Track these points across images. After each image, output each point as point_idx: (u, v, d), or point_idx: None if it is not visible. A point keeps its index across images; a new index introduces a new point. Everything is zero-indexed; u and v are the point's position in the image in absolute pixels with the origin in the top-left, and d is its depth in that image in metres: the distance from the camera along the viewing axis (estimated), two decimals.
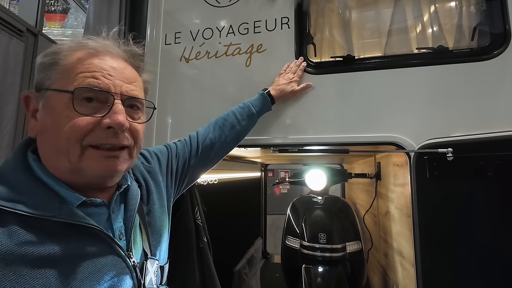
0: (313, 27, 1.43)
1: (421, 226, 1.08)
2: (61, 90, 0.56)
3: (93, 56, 0.59)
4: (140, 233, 0.69)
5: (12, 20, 1.15)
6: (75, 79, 0.56)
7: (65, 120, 0.55)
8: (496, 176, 1.02)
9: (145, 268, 0.65)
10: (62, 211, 0.53)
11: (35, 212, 0.51)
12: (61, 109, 0.55)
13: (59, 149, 0.56)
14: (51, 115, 0.56)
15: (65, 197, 0.56)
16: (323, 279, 1.79)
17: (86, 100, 0.56)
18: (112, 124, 0.57)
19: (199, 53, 1.44)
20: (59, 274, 0.50)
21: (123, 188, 0.68)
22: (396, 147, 1.18)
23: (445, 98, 1.15)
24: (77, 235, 0.55)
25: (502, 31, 1.12)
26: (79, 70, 0.57)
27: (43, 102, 0.57)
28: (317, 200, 2.14)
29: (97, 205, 0.61)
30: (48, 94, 0.57)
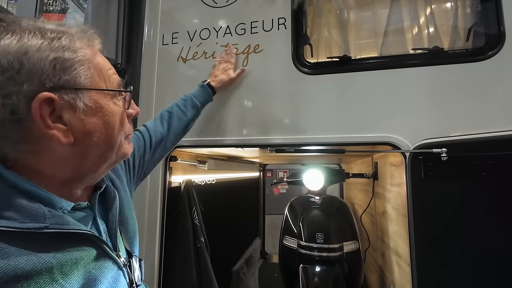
0: (310, 27, 1.44)
1: (416, 226, 1.09)
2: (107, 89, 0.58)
3: (98, 52, 0.61)
4: (119, 232, 0.69)
5: None
6: (109, 77, 0.59)
7: (115, 117, 0.58)
8: (490, 175, 1.03)
9: (132, 266, 0.66)
10: (53, 220, 0.50)
11: (24, 226, 0.47)
12: (110, 107, 0.58)
13: (111, 145, 0.59)
14: (101, 114, 0.56)
15: (54, 204, 0.53)
16: (321, 278, 1.79)
17: (120, 96, 0.61)
18: (136, 114, 0.65)
19: (196, 53, 1.45)
20: (58, 285, 0.48)
21: (103, 188, 0.67)
22: (392, 147, 1.19)
23: (440, 98, 1.16)
24: (69, 242, 0.52)
25: (496, 32, 1.13)
26: (106, 68, 0.60)
27: (82, 102, 0.53)
28: (315, 200, 2.15)
29: (83, 209, 0.60)
30: (90, 93, 0.54)
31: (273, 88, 1.35)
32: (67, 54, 0.52)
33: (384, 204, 1.87)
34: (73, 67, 0.53)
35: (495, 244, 1.02)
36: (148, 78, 1.50)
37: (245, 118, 1.37)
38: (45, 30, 0.52)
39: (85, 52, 0.56)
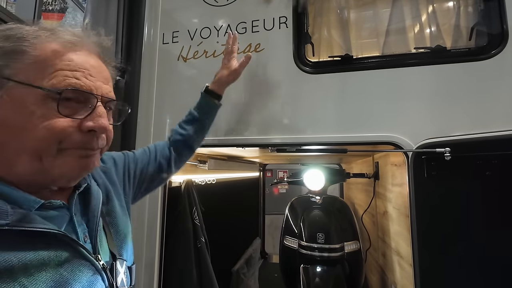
0: (311, 26, 1.43)
1: (419, 226, 1.08)
2: (33, 85, 0.49)
3: (70, 51, 0.54)
4: (104, 234, 0.66)
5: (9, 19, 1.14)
6: (53, 76, 0.50)
7: (39, 120, 0.49)
8: (494, 175, 1.02)
9: (115, 269, 0.62)
10: (16, 217, 0.47)
11: None
12: (34, 106, 0.49)
13: (27, 149, 0.49)
14: (18, 111, 0.49)
15: (19, 201, 0.50)
16: (321, 279, 1.79)
17: (65, 99, 0.51)
18: (96, 127, 0.54)
19: (197, 52, 1.44)
20: (20, 286, 0.45)
21: (83, 187, 0.63)
22: (394, 147, 1.18)
23: (443, 97, 1.15)
24: (37, 242, 0.49)
25: (499, 31, 1.13)
26: (58, 67, 0.51)
27: (5, 94, 0.49)
28: (316, 200, 2.14)
29: (57, 208, 0.56)
30: (10, 85, 0.49)
31: (274, 87, 1.34)
32: (10, 45, 0.50)
33: (385, 204, 1.86)
34: (6, 56, 0.49)
35: (499, 244, 1.01)
36: (148, 77, 1.49)
37: (246, 117, 1.36)
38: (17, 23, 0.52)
39: (42, 45, 0.51)
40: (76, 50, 0.55)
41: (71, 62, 0.53)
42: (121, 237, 0.70)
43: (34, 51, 0.50)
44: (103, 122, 0.55)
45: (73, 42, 0.55)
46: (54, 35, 0.53)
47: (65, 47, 0.53)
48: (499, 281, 1.01)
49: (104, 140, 0.59)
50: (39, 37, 0.52)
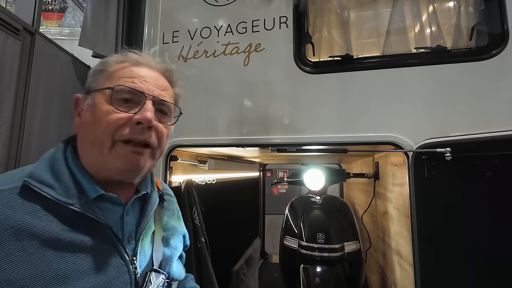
0: (312, 26, 1.43)
1: (419, 226, 1.08)
2: (103, 88, 0.63)
3: (134, 65, 0.67)
4: (151, 242, 0.69)
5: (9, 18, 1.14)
6: (115, 81, 0.63)
7: (103, 114, 0.61)
8: (495, 176, 1.02)
9: (148, 279, 0.64)
10: (79, 201, 0.57)
11: (57, 197, 0.55)
12: (101, 104, 0.62)
13: (94, 141, 0.61)
14: (93, 110, 0.62)
15: (86, 187, 0.60)
16: (322, 279, 1.78)
17: (123, 100, 0.62)
18: (141, 119, 0.61)
19: (197, 52, 1.44)
20: (61, 261, 0.52)
21: (141, 194, 0.70)
22: (394, 147, 1.18)
23: (444, 97, 1.15)
24: (88, 228, 0.57)
25: (500, 31, 1.13)
26: (121, 75, 0.64)
27: (90, 101, 0.64)
28: (316, 200, 2.14)
29: (113, 203, 0.63)
30: (93, 94, 0.64)
31: (275, 87, 1.34)
32: (97, 67, 0.67)
33: (386, 204, 1.86)
34: (94, 76, 0.66)
35: (500, 244, 1.01)
36: None
37: (246, 117, 1.36)
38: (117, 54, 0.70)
39: (116, 65, 0.66)
40: (139, 65, 0.68)
41: (132, 72, 0.65)
42: (170, 250, 0.74)
43: (110, 68, 0.66)
44: (148, 114, 0.62)
45: (137, 60, 0.68)
46: (125, 57, 0.68)
47: (131, 63, 0.67)
48: (499, 281, 1.01)
49: (152, 137, 0.65)
50: (115, 60, 0.67)
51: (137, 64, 0.68)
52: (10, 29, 1.15)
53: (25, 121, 1.19)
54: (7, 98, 1.13)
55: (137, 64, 0.68)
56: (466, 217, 1.05)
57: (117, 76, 0.64)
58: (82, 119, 0.64)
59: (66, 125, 1.39)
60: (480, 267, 1.02)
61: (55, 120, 1.34)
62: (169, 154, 1.42)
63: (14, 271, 0.49)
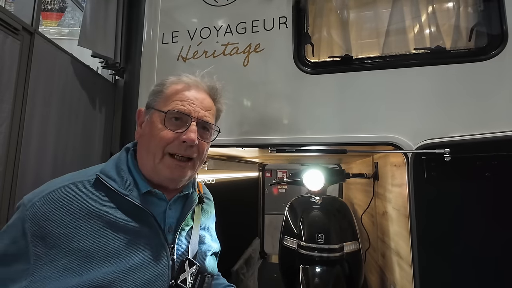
0: (311, 26, 1.43)
1: (418, 227, 1.08)
2: (159, 110, 0.77)
3: (185, 89, 0.80)
4: (188, 235, 0.82)
5: (8, 18, 1.14)
6: (170, 104, 0.77)
7: (157, 131, 0.76)
8: (494, 176, 1.02)
9: (182, 266, 0.75)
10: (133, 193, 0.72)
11: (118, 189, 0.71)
12: (157, 123, 0.76)
13: (149, 151, 0.76)
14: (150, 126, 0.77)
15: (139, 183, 0.74)
16: (321, 279, 1.78)
17: (174, 119, 0.77)
18: (186, 139, 0.75)
19: (196, 52, 1.44)
20: (116, 239, 0.67)
21: (183, 193, 0.83)
22: (393, 147, 1.18)
23: (443, 98, 1.15)
24: (138, 215, 0.71)
25: (499, 31, 1.13)
26: (174, 98, 0.78)
27: (148, 116, 0.79)
28: (315, 200, 2.14)
29: (159, 198, 0.77)
30: (152, 111, 0.78)
31: (274, 87, 1.34)
32: (157, 88, 0.82)
33: (385, 205, 1.86)
34: (155, 95, 0.80)
35: (498, 245, 1.01)
36: (147, 77, 1.49)
37: (245, 117, 1.36)
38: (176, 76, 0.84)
39: (172, 86, 0.80)
40: (190, 89, 0.81)
41: (182, 95, 0.79)
42: (206, 246, 0.86)
43: (166, 91, 0.80)
44: (191, 136, 0.76)
45: (188, 83, 0.81)
46: (180, 80, 0.82)
47: (183, 87, 0.80)
48: (498, 282, 1.01)
49: (194, 150, 0.79)
50: (171, 82, 0.82)
51: (188, 87, 0.81)
52: (9, 28, 1.14)
53: (24, 121, 1.19)
54: (6, 98, 1.13)
55: (188, 87, 0.81)
56: (465, 217, 1.05)
57: (171, 98, 0.78)
58: (142, 130, 0.80)
59: (65, 125, 1.39)
60: (479, 268, 1.03)
61: (54, 120, 1.33)
62: None
63: (84, 242, 0.63)
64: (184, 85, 0.81)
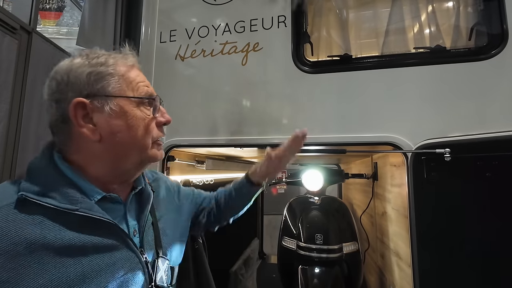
0: (310, 26, 1.42)
1: (418, 227, 1.07)
2: (129, 96, 0.66)
3: (133, 69, 0.71)
4: (152, 233, 0.76)
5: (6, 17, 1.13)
6: (137, 87, 0.68)
7: (139, 121, 0.66)
8: (494, 176, 1.01)
9: (156, 266, 0.71)
10: (83, 205, 0.59)
11: (60, 205, 0.57)
12: (134, 112, 0.66)
13: (134, 145, 0.66)
14: (125, 118, 0.65)
15: (86, 192, 0.62)
16: (320, 280, 1.78)
17: (148, 103, 0.69)
18: (167, 121, 0.73)
19: (194, 51, 1.43)
20: (77, 264, 0.56)
21: (138, 189, 0.75)
22: (393, 147, 1.18)
23: (443, 98, 1.14)
24: (95, 229, 0.60)
25: (499, 31, 1.12)
26: (137, 80, 0.69)
27: (108, 107, 0.64)
28: (314, 200, 2.13)
29: (115, 202, 0.68)
30: (117, 100, 0.65)
31: (273, 87, 1.33)
32: (100, 69, 0.65)
33: (384, 205, 1.86)
34: (104, 79, 0.64)
35: (499, 246, 1.01)
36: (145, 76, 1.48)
37: (243, 117, 1.35)
38: (92, 52, 0.67)
39: (118, 67, 0.67)
40: (134, 68, 0.71)
41: (139, 76, 0.70)
42: (167, 238, 0.80)
43: (118, 72, 0.67)
44: (168, 116, 0.73)
45: (133, 62, 0.71)
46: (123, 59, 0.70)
47: (130, 66, 0.70)
48: (499, 282, 1.00)
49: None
50: (114, 61, 0.68)
51: (134, 67, 0.71)
52: (6, 28, 1.14)
53: (22, 121, 1.18)
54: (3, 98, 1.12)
55: (134, 67, 0.71)
56: (465, 218, 1.04)
57: (134, 80, 0.69)
58: (106, 126, 0.63)
59: None
60: (479, 268, 1.02)
61: None
62: (166, 154, 1.41)
63: (35, 282, 0.51)
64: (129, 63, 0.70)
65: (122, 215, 0.69)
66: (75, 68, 0.64)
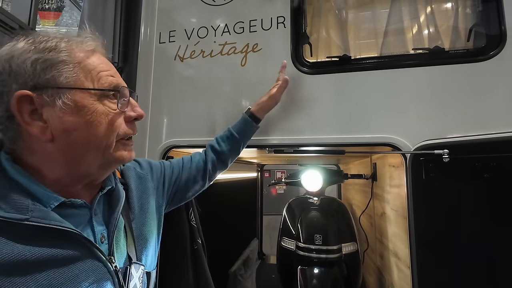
0: (309, 26, 1.42)
1: (416, 228, 1.08)
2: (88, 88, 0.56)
3: (95, 54, 0.61)
4: (125, 237, 0.68)
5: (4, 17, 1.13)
6: (99, 78, 0.58)
7: (100, 117, 0.57)
8: (492, 177, 1.01)
9: (129, 273, 0.63)
10: (35, 213, 0.51)
11: (5, 215, 0.48)
12: (94, 106, 0.56)
13: (94, 145, 0.57)
14: (82, 113, 0.55)
15: (41, 198, 0.53)
16: (319, 280, 1.78)
17: (112, 95, 0.59)
18: (137, 116, 0.63)
19: (193, 52, 1.43)
20: (31, 282, 0.47)
21: (106, 190, 0.66)
22: (392, 148, 1.18)
23: (441, 99, 1.14)
24: (53, 239, 0.52)
25: (497, 32, 1.12)
26: (98, 69, 0.59)
27: (61, 101, 0.54)
28: (313, 201, 2.14)
29: (78, 207, 0.59)
30: (71, 93, 0.54)
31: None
32: (48, 55, 0.54)
33: (383, 206, 1.86)
34: (54, 67, 0.54)
35: (497, 247, 1.01)
36: (144, 77, 1.48)
37: None
38: (39, 35, 0.56)
39: (74, 53, 0.57)
40: (97, 54, 0.61)
41: (102, 64, 0.60)
42: (143, 241, 0.72)
43: (73, 59, 0.56)
44: (141, 110, 0.64)
45: (94, 47, 0.61)
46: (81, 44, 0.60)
47: (92, 52, 0.60)
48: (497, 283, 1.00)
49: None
50: (71, 46, 0.58)
51: (94, 53, 0.61)
52: (5, 27, 1.13)
53: None
54: None
55: (94, 53, 0.61)
56: (464, 219, 1.04)
57: (93, 69, 0.58)
58: (59, 123, 0.54)
59: None
60: (478, 269, 1.02)
61: None
62: (165, 154, 1.41)
63: None
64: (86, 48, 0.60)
65: (87, 220, 0.60)
66: (17, 54, 0.53)
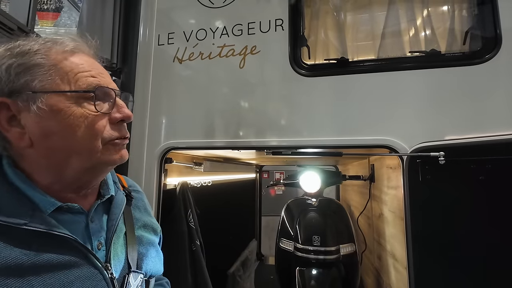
0: (307, 29, 1.43)
1: (413, 229, 1.08)
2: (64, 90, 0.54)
3: (75, 55, 0.58)
4: (124, 244, 0.67)
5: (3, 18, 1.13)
6: (76, 79, 0.56)
7: (78, 120, 0.54)
8: (487, 180, 1.02)
9: (127, 282, 0.62)
10: (34, 218, 0.51)
11: (4, 220, 0.49)
12: (71, 109, 0.54)
13: (76, 150, 0.55)
14: (59, 117, 0.53)
15: (38, 203, 0.54)
16: (317, 281, 1.78)
17: (94, 97, 0.56)
18: (124, 117, 0.60)
19: (192, 54, 1.43)
20: (26, 285, 0.48)
21: (105, 198, 0.66)
22: (389, 150, 1.19)
23: (438, 101, 1.15)
24: (49, 244, 0.52)
25: (493, 35, 1.13)
26: (76, 70, 0.56)
27: (35, 106, 0.53)
28: (311, 202, 2.14)
29: (75, 212, 0.59)
30: (45, 97, 0.53)
31: (270, 89, 1.34)
32: (22, 59, 0.53)
33: (381, 207, 1.87)
34: (27, 71, 0.53)
35: (493, 248, 1.02)
36: (143, 78, 1.48)
37: (241, 119, 1.36)
38: (18, 40, 0.56)
39: (48, 55, 0.55)
40: (79, 54, 0.59)
41: (83, 64, 0.58)
42: (144, 247, 0.71)
43: (49, 61, 0.55)
44: (128, 111, 0.61)
45: (75, 47, 0.59)
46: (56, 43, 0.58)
47: (71, 53, 0.58)
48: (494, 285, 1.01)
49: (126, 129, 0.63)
50: (45, 48, 0.56)
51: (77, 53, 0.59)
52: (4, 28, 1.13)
53: None
54: None
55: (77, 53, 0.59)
56: (460, 220, 1.05)
57: (70, 70, 0.56)
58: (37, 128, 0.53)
59: None
60: (474, 271, 1.03)
61: None
62: (163, 156, 1.41)
63: None
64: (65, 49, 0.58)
65: (84, 227, 0.60)
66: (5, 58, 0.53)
